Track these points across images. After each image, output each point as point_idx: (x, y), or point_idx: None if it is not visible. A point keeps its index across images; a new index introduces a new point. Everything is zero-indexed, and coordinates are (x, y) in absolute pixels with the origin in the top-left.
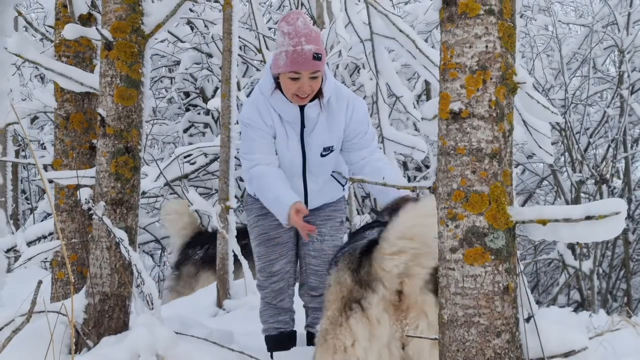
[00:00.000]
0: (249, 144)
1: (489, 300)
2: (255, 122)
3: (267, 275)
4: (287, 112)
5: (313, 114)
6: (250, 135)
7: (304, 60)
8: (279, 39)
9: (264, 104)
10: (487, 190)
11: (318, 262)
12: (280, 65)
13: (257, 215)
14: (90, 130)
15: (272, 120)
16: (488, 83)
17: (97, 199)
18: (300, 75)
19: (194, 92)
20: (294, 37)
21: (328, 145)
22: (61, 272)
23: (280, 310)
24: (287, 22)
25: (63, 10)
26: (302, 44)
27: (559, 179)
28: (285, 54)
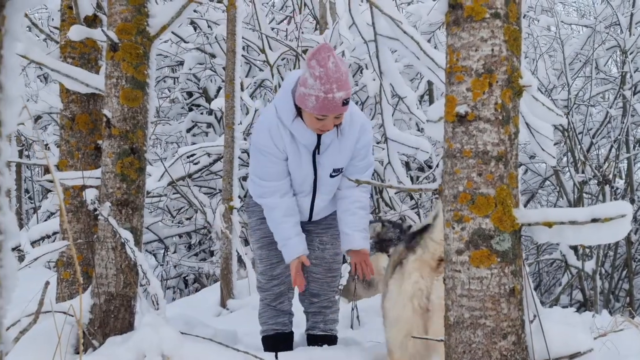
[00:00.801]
0: (261, 169)
1: (495, 302)
2: (268, 147)
3: (269, 278)
4: (305, 137)
5: (328, 139)
6: (260, 160)
7: (334, 107)
8: (308, 79)
9: (277, 128)
10: (493, 193)
11: (319, 269)
12: (309, 107)
13: (260, 218)
14: (95, 131)
15: (284, 142)
16: (494, 86)
17: (103, 200)
18: (326, 116)
19: (197, 92)
20: (325, 82)
21: (338, 167)
22: (66, 272)
23: (279, 312)
24: (318, 62)
25: (68, 12)
26: (333, 92)
27: (561, 179)
28: (316, 98)
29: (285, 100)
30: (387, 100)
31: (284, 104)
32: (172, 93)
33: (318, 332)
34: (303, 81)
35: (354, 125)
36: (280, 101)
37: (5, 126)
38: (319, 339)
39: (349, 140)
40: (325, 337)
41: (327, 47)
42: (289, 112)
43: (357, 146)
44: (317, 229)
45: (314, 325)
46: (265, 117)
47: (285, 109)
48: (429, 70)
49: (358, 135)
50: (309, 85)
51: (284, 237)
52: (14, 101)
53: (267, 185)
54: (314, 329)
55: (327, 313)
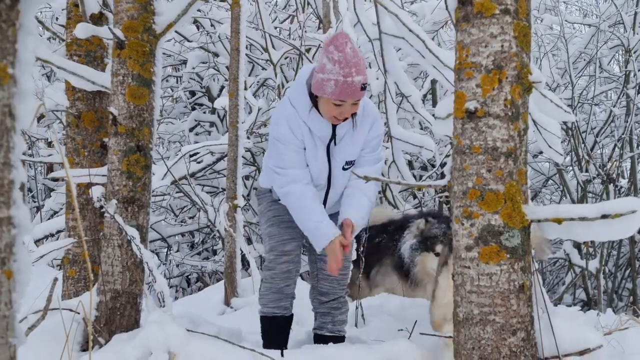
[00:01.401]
0: (282, 158)
1: (504, 298)
2: (287, 137)
3: (279, 254)
4: (321, 129)
5: (343, 131)
6: (281, 149)
7: (352, 91)
8: (327, 64)
9: (295, 119)
10: (502, 189)
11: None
12: (327, 92)
13: (271, 202)
14: (101, 129)
15: (302, 134)
16: (504, 82)
17: (109, 197)
18: (345, 102)
19: (199, 91)
20: (344, 66)
21: (350, 159)
22: (72, 269)
23: (282, 295)
24: (336, 48)
25: (74, 10)
26: (352, 75)
27: (565, 178)
28: (335, 82)
29: (299, 92)
30: (391, 98)
31: (299, 96)
32: (175, 92)
33: (326, 332)
34: (321, 68)
35: (367, 117)
36: (295, 93)
37: (20, 121)
38: (326, 339)
39: (362, 132)
40: (333, 337)
41: (344, 34)
42: (305, 103)
43: (369, 137)
44: None
45: (322, 326)
46: (282, 109)
47: (301, 100)
48: (434, 68)
49: (370, 126)
50: (328, 70)
51: (316, 221)
52: (28, 96)
53: (291, 174)
54: (321, 329)
55: (336, 314)
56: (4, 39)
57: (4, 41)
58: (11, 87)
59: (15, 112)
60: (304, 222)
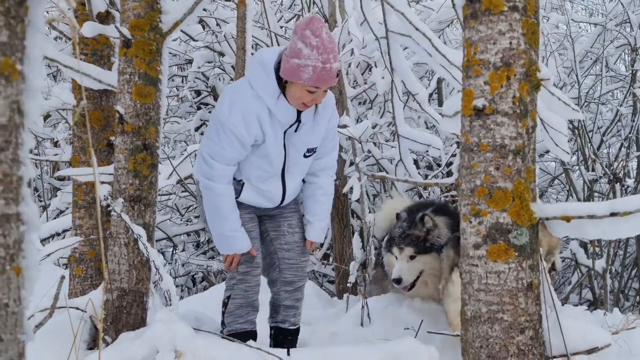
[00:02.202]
0: (218, 150)
1: (512, 296)
2: (237, 129)
3: (253, 266)
4: (286, 116)
5: (306, 118)
6: (223, 140)
7: (329, 77)
8: (303, 50)
9: (253, 108)
10: (510, 187)
11: (292, 254)
12: (304, 78)
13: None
14: (107, 128)
15: (260, 126)
16: (512, 79)
17: (116, 196)
18: (319, 89)
19: (205, 91)
20: (322, 52)
21: (312, 146)
22: (79, 267)
23: (251, 309)
24: (312, 33)
25: (81, 9)
26: (330, 62)
27: (571, 177)
28: (313, 69)
29: (264, 76)
30: (398, 97)
31: (264, 81)
32: (180, 91)
33: (288, 326)
34: (295, 53)
35: (328, 105)
36: (258, 78)
37: (28, 117)
38: (288, 332)
39: (323, 119)
40: (295, 331)
41: (318, 18)
42: (272, 89)
43: (329, 126)
44: (283, 213)
45: (285, 319)
46: (239, 95)
47: (267, 85)
48: (441, 66)
49: (331, 114)
50: (305, 56)
51: (232, 228)
52: (37, 92)
53: (219, 168)
54: (284, 322)
55: (299, 306)
56: (13, 36)
57: (12, 37)
58: (20, 83)
59: (24, 109)
60: (219, 226)
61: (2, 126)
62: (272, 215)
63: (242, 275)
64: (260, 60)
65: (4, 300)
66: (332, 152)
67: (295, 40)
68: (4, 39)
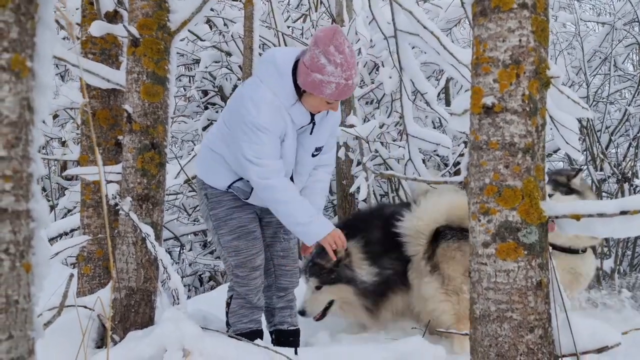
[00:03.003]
0: (259, 148)
1: (522, 295)
2: (271, 127)
3: (250, 270)
4: (302, 119)
5: (319, 118)
6: (261, 139)
7: (350, 91)
8: (327, 66)
9: (279, 110)
10: (520, 185)
11: (287, 261)
12: (326, 93)
13: (231, 208)
14: (116, 127)
15: (286, 124)
16: (521, 77)
17: (124, 195)
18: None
19: (212, 91)
20: (346, 69)
21: (320, 145)
22: (87, 266)
23: (255, 309)
24: (336, 49)
25: (89, 8)
26: (352, 78)
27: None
28: (337, 85)
29: (282, 81)
30: (407, 96)
31: (282, 86)
32: (187, 91)
33: (287, 327)
34: (318, 68)
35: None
36: (275, 81)
37: (38, 114)
38: (289, 334)
39: (331, 118)
40: (294, 331)
41: (341, 31)
42: (290, 95)
43: (334, 126)
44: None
45: (283, 321)
46: (260, 94)
47: (285, 91)
48: (450, 65)
49: (334, 114)
50: (329, 73)
51: (308, 215)
52: (47, 89)
53: (271, 164)
54: (282, 324)
55: (293, 307)
56: (23, 32)
57: (22, 34)
58: (30, 80)
59: (34, 106)
60: (295, 218)
61: (12, 123)
62: (268, 222)
63: (240, 279)
64: (273, 60)
65: (14, 296)
66: (332, 149)
67: (317, 54)
68: (15, 35)
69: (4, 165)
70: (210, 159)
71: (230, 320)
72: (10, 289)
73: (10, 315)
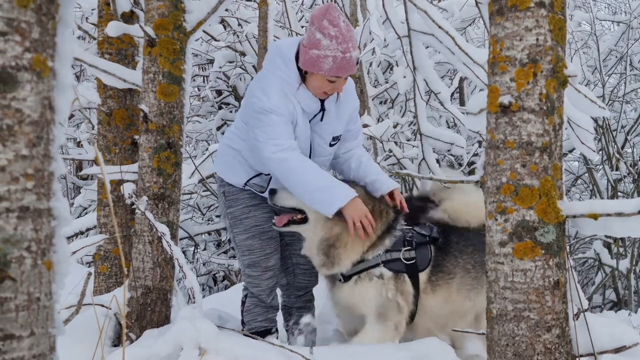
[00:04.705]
0: (272, 129)
1: (539, 294)
2: (281, 109)
3: (262, 270)
4: (310, 105)
5: (330, 106)
6: (274, 120)
7: (350, 66)
8: (322, 40)
9: (287, 95)
10: (537, 184)
11: (306, 260)
12: (324, 69)
13: (248, 206)
14: (132, 126)
15: (295, 109)
16: (539, 76)
17: (140, 194)
18: (339, 78)
19: (226, 91)
20: (342, 42)
21: (337, 134)
22: (104, 265)
23: (269, 308)
24: (330, 22)
25: (106, 8)
26: (350, 51)
27: (595, 176)
28: (334, 59)
29: (287, 70)
30: (420, 96)
31: (287, 74)
32: (202, 91)
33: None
34: (314, 44)
35: (349, 91)
36: (282, 72)
37: (59, 113)
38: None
39: (347, 105)
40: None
41: (334, 6)
42: (294, 79)
43: (354, 112)
44: None
45: (301, 320)
46: (268, 81)
47: (289, 75)
48: (464, 65)
49: (351, 98)
50: (324, 47)
51: (329, 179)
52: (67, 88)
53: (284, 142)
54: (299, 323)
55: (311, 307)
56: (44, 32)
57: (44, 34)
58: (51, 80)
59: (55, 105)
60: (315, 182)
61: (34, 122)
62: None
63: (252, 278)
64: (279, 51)
65: (36, 294)
66: (359, 135)
67: (312, 31)
68: (36, 35)
69: (26, 164)
70: (229, 156)
71: (245, 318)
72: (32, 287)
73: (32, 312)
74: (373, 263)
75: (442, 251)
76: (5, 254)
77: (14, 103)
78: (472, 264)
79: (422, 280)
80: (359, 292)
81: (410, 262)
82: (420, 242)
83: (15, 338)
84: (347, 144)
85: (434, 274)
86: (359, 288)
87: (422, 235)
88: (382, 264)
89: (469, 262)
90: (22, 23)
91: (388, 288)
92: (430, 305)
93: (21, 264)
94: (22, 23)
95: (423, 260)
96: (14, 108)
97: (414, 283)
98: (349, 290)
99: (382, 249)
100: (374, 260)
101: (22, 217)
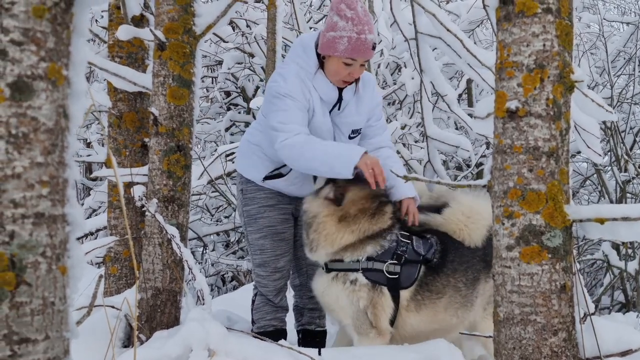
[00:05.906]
0: (285, 114)
1: (546, 298)
2: (296, 94)
3: (272, 271)
4: (327, 93)
5: (348, 96)
6: (288, 104)
7: (365, 48)
8: (338, 22)
9: (304, 81)
10: (544, 189)
11: None
12: (340, 49)
13: (263, 206)
14: (142, 129)
15: (312, 97)
16: (545, 81)
17: (150, 196)
18: (355, 62)
19: (235, 92)
20: (357, 24)
21: (357, 127)
22: (114, 267)
23: (278, 308)
24: (347, 6)
25: (116, 12)
26: (365, 33)
27: (603, 178)
28: (348, 39)
29: (306, 56)
30: (427, 98)
31: (306, 59)
32: (210, 92)
33: (315, 328)
34: (331, 26)
35: (369, 84)
36: (301, 59)
37: (73, 121)
38: (316, 334)
39: (366, 98)
40: (321, 332)
41: None
42: (311, 63)
43: (372, 104)
44: None
45: (311, 321)
46: (290, 70)
47: (307, 61)
48: (471, 68)
49: (372, 92)
50: (340, 28)
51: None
52: (81, 96)
53: (294, 128)
54: (310, 324)
55: (322, 308)
56: (59, 42)
57: (59, 44)
58: (65, 88)
59: (69, 113)
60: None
61: (49, 130)
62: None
63: (261, 278)
64: (301, 42)
65: (50, 298)
66: (384, 132)
67: (331, 16)
68: (51, 45)
69: (41, 171)
70: (248, 151)
71: (254, 317)
72: (46, 291)
73: (47, 316)
74: (352, 267)
75: (434, 270)
76: (21, 260)
77: (30, 111)
78: (464, 282)
79: (404, 297)
80: (332, 291)
81: (393, 276)
82: (410, 259)
83: (31, 342)
84: (372, 140)
85: (420, 292)
86: (332, 288)
87: (417, 253)
88: (360, 270)
89: (461, 281)
90: (37, 33)
91: (360, 296)
92: (411, 322)
93: (36, 269)
94: (37, 33)
95: (407, 279)
96: (29, 116)
97: (394, 297)
98: (324, 284)
99: (363, 254)
100: (353, 264)
101: (37, 224)
